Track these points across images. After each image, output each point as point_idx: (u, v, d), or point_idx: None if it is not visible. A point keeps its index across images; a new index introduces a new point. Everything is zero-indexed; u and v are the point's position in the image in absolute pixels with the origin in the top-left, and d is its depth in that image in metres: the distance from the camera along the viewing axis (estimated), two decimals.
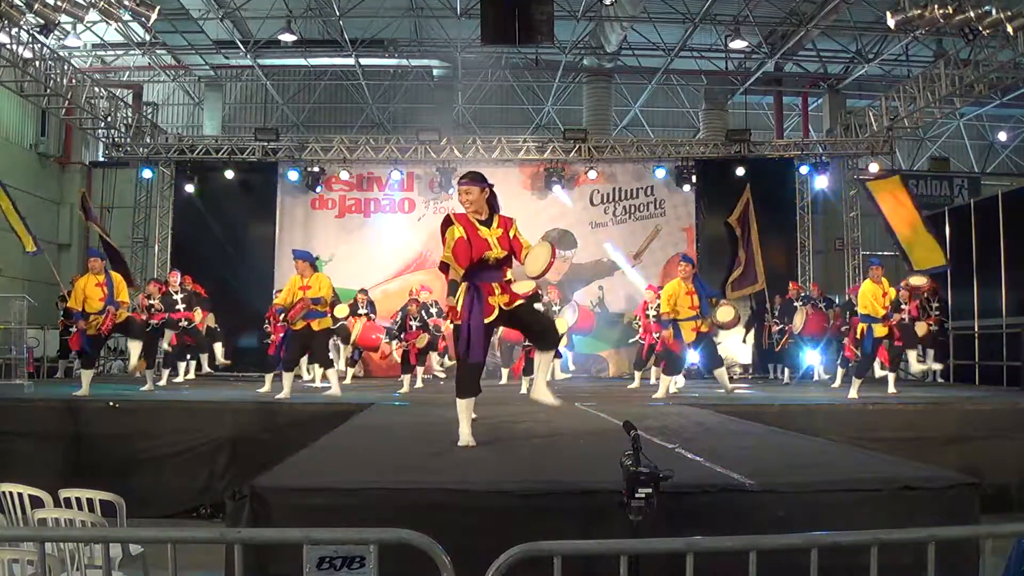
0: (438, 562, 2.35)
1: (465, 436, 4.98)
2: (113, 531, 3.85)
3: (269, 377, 10.00)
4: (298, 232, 16.07)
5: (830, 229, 17.67)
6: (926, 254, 12.29)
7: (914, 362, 10.79)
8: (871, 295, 9.59)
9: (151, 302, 11.32)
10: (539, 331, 5.29)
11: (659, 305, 10.03)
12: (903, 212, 12.62)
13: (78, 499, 4.25)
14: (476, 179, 5.00)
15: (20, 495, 4.36)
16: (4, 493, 4.43)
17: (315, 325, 9.11)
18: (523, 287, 7.15)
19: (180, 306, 11.65)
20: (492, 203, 5.04)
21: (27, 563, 3.35)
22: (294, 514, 3.43)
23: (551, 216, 16.06)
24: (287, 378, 9.13)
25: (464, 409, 5.06)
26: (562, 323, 11.46)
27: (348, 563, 2.34)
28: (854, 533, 2.64)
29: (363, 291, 12.66)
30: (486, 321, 4.93)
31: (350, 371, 13.16)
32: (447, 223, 4.96)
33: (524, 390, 9.82)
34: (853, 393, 9.40)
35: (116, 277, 9.64)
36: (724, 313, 11.07)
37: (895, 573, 2.82)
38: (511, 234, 5.02)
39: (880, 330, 9.69)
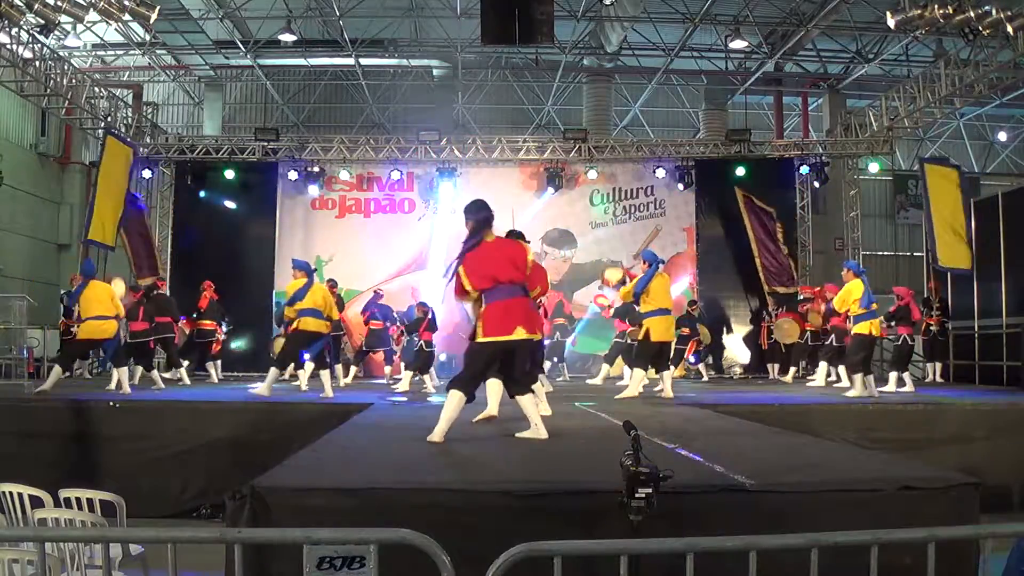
0: (438, 562, 2.35)
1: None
2: (113, 531, 3.84)
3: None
4: (298, 232, 16.06)
5: (830, 229, 17.67)
6: (953, 253, 12.57)
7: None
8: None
9: None
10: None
11: None
12: (950, 205, 12.65)
13: (78, 499, 4.24)
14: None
15: (20, 495, 4.35)
16: (4, 493, 4.41)
17: None
18: None
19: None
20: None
21: (27, 563, 3.35)
22: (294, 514, 3.43)
23: (551, 216, 16.06)
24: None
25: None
26: None
27: (348, 563, 2.33)
28: (854, 533, 2.64)
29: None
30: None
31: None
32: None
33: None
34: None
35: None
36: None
37: (895, 573, 2.82)
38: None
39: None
